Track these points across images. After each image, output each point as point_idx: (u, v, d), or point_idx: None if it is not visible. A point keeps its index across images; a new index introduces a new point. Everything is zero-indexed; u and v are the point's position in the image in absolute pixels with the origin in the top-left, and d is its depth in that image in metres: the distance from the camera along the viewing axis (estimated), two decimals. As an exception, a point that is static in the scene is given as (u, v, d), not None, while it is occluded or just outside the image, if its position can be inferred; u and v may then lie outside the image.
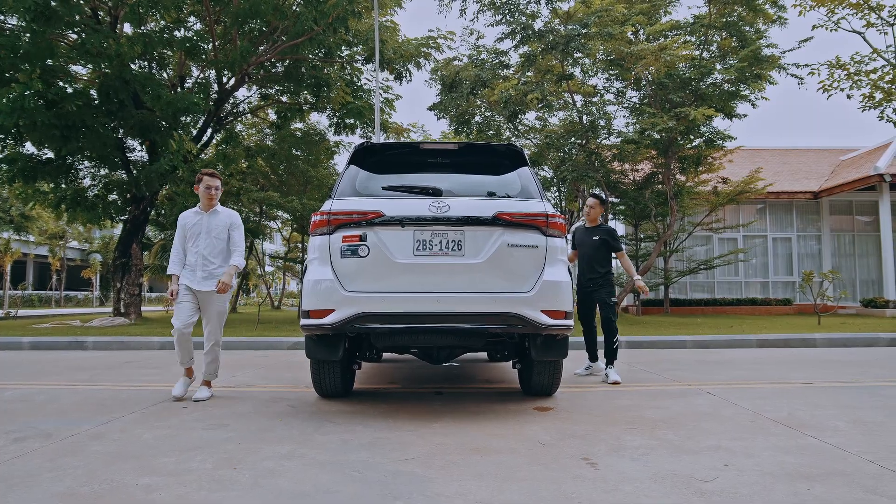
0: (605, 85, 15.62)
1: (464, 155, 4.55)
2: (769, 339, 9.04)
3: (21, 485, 2.55)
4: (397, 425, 3.67)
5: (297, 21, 12.01)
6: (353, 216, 3.88)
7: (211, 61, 13.50)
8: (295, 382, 5.50)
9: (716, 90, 13.85)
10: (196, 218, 4.73)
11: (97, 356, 7.96)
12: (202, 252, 4.63)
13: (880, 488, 2.48)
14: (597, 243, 5.80)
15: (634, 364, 6.81)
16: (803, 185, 18.24)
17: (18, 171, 12.78)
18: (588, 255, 5.84)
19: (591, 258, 5.82)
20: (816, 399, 4.51)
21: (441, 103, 15.97)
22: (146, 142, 13.57)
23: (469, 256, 3.83)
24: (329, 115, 16.36)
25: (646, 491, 2.47)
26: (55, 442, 3.28)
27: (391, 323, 3.75)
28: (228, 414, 4.05)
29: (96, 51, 10.93)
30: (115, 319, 12.72)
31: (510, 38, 14.27)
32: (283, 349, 8.76)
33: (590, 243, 5.84)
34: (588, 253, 5.84)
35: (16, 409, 4.21)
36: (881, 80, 14.05)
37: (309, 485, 2.56)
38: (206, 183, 4.67)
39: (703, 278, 18.06)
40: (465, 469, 2.78)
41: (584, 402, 4.49)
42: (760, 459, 2.91)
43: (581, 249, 5.93)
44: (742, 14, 13.74)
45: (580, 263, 5.94)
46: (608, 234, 5.84)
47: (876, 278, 18.04)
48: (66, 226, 32.58)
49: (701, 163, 15.05)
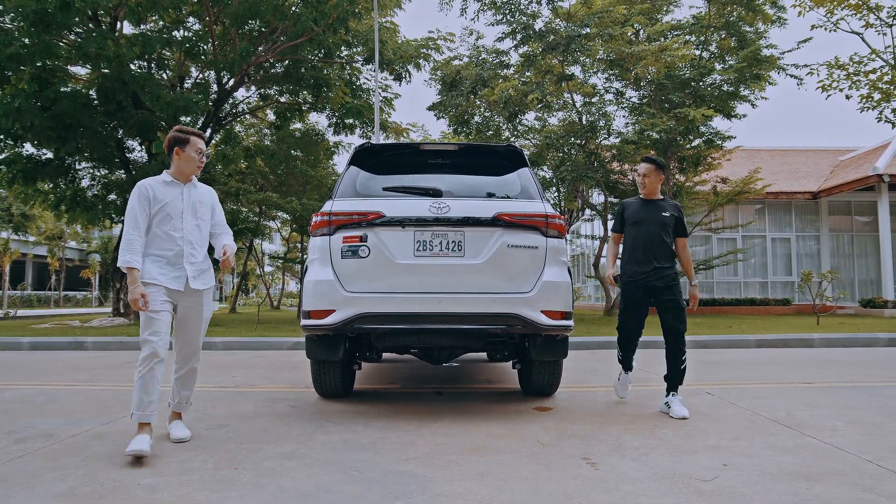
0: (604, 85, 15.65)
1: (464, 155, 4.57)
2: (768, 339, 9.05)
3: (23, 485, 2.56)
4: (398, 425, 3.68)
5: (297, 22, 12.01)
6: (353, 217, 3.89)
7: (210, 62, 13.50)
8: (295, 382, 5.51)
9: (715, 90, 13.88)
10: (171, 191, 3.36)
11: (97, 356, 7.97)
12: (189, 238, 3.36)
13: (879, 488, 2.49)
14: (665, 220, 4.23)
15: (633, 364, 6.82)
16: (802, 186, 18.26)
17: (18, 171, 12.79)
18: (649, 235, 4.22)
19: (653, 241, 4.21)
20: (815, 399, 4.53)
21: (441, 103, 15.99)
22: (146, 142, 13.58)
23: (469, 257, 3.84)
24: (328, 115, 16.38)
25: (646, 490, 2.48)
26: (56, 442, 3.29)
27: (391, 323, 3.76)
28: (229, 414, 4.06)
29: (95, 53, 10.93)
30: (114, 320, 12.72)
31: (510, 37, 14.30)
32: (283, 349, 8.76)
33: (655, 219, 4.23)
34: (650, 232, 4.22)
35: (17, 410, 4.21)
36: (880, 80, 14.08)
37: (310, 484, 2.57)
38: (196, 146, 3.42)
39: (702, 278, 18.08)
40: (465, 469, 2.79)
41: (583, 402, 4.50)
42: (759, 459, 2.92)
43: (638, 229, 4.28)
44: (741, 14, 13.77)
45: (633, 247, 4.29)
46: (678, 211, 4.33)
47: (875, 278, 18.07)
48: (65, 226, 32.54)
49: (700, 163, 15.07)
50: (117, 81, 11.58)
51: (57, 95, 11.17)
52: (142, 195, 3.29)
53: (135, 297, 3.12)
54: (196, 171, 3.45)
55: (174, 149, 3.39)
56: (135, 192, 3.30)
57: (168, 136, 3.44)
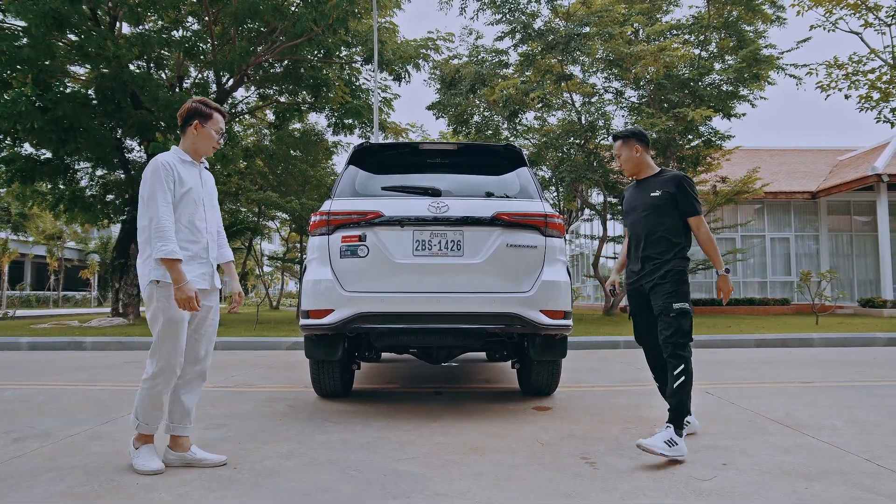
0: (604, 85, 15.65)
1: (463, 155, 4.57)
2: (767, 338, 9.05)
3: (21, 485, 2.56)
4: (396, 425, 3.68)
5: (297, 22, 12.01)
6: (352, 216, 3.89)
7: (209, 62, 13.49)
8: (294, 382, 5.50)
9: (714, 90, 13.88)
10: (191, 172, 2.92)
11: (96, 356, 7.96)
12: (210, 228, 2.95)
13: (878, 487, 2.49)
14: (655, 202, 3.31)
15: (633, 364, 6.82)
16: (801, 185, 18.27)
17: (17, 171, 12.78)
18: (636, 226, 3.41)
19: (641, 231, 3.37)
20: (814, 399, 4.53)
21: (440, 102, 15.99)
22: (145, 142, 13.57)
23: (468, 256, 3.84)
24: (327, 115, 16.38)
25: (644, 490, 2.48)
26: (55, 442, 3.28)
27: (390, 323, 3.76)
28: (228, 414, 4.06)
29: (95, 52, 10.92)
30: (113, 320, 12.71)
31: (510, 36, 14.30)
32: (282, 349, 8.76)
33: (643, 203, 3.38)
34: (636, 222, 3.42)
35: (15, 409, 4.21)
36: (879, 80, 14.08)
37: (309, 484, 2.57)
38: (218, 124, 2.99)
39: (702, 278, 18.08)
40: (464, 468, 2.79)
41: (582, 401, 4.50)
42: (759, 458, 2.92)
43: (629, 220, 3.51)
44: (741, 14, 13.78)
45: (628, 244, 3.55)
46: (675, 185, 3.29)
47: (873, 278, 18.08)
48: (65, 226, 32.55)
49: (699, 163, 15.08)
50: (116, 81, 11.58)
51: (58, 97, 11.16)
52: (167, 173, 2.77)
53: (189, 295, 2.67)
54: (210, 153, 3.03)
55: (192, 122, 2.93)
56: (156, 170, 2.76)
57: (186, 107, 2.95)
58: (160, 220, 2.69)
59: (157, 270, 2.74)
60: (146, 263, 2.78)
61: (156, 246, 2.67)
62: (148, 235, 2.73)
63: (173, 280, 2.69)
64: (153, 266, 2.74)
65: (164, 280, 2.73)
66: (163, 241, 2.66)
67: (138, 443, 2.81)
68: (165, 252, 2.65)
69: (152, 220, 2.71)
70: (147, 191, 2.75)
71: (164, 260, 2.67)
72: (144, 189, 2.77)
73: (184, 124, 2.95)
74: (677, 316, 3.12)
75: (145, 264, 2.79)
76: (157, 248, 2.66)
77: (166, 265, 2.68)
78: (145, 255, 2.79)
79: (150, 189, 2.74)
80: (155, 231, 2.69)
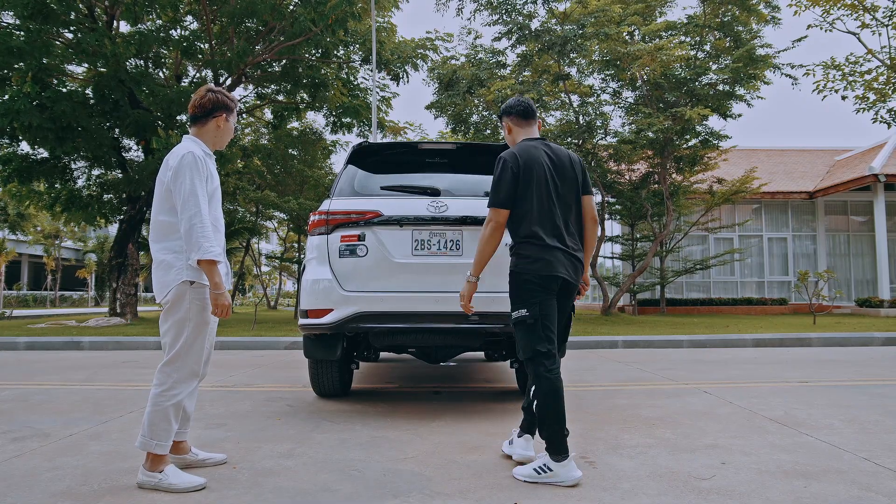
0: (601, 85, 15.67)
1: (462, 155, 4.56)
2: (765, 338, 9.07)
3: (20, 484, 2.55)
4: (395, 424, 3.68)
5: (295, 21, 12.00)
6: (351, 216, 3.89)
7: (207, 61, 13.47)
8: (293, 382, 5.50)
9: (711, 90, 13.91)
10: (211, 164, 2.74)
11: (94, 356, 7.95)
12: (219, 226, 2.76)
13: (876, 486, 2.50)
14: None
15: (631, 363, 6.83)
16: (799, 186, 18.31)
17: (14, 171, 12.74)
18: None
19: None
20: (812, 398, 4.54)
21: (438, 102, 15.99)
22: (142, 141, 13.54)
23: (467, 256, 3.83)
24: (326, 114, 16.37)
25: (644, 489, 2.48)
26: (54, 441, 3.28)
27: (389, 322, 3.76)
28: (227, 413, 4.05)
29: (92, 50, 10.90)
30: (111, 319, 12.69)
31: (507, 37, 14.30)
32: (281, 349, 8.75)
33: None
34: None
35: (13, 409, 4.20)
36: (875, 81, 14.11)
37: (308, 483, 2.57)
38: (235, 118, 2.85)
39: (699, 278, 18.12)
40: (463, 468, 2.79)
41: (581, 401, 4.50)
42: (757, 457, 2.93)
43: None
44: (736, 14, 13.81)
45: None
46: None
47: (871, 278, 18.14)
48: (62, 225, 32.47)
49: (697, 162, 15.10)
50: (114, 80, 11.55)
51: (56, 96, 11.14)
52: (202, 169, 2.59)
53: (229, 301, 2.58)
54: (223, 148, 2.87)
55: (217, 114, 2.73)
56: (194, 163, 2.56)
57: (207, 97, 2.72)
58: (203, 217, 2.51)
59: (191, 271, 2.54)
60: (177, 261, 2.56)
61: (201, 246, 2.47)
62: (187, 231, 2.49)
63: (213, 284, 2.51)
64: (184, 265, 2.55)
65: (199, 281, 2.56)
66: (208, 240, 2.48)
67: (159, 465, 2.51)
68: (213, 254, 2.48)
69: (193, 217, 2.49)
70: (188, 185, 2.53)
71: (204, 262, 2.49)
72: (184, 182, 2.53)
73: (204, 115, 2.73)
74: (516, 321, 2.86)
75: (174, 263, 2.57)
76: (204, 249, 2.47)
77: (205, 268, 2.50)
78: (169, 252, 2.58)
79: (191, 183, 2.53)
80: (200, 229, 2.48)
